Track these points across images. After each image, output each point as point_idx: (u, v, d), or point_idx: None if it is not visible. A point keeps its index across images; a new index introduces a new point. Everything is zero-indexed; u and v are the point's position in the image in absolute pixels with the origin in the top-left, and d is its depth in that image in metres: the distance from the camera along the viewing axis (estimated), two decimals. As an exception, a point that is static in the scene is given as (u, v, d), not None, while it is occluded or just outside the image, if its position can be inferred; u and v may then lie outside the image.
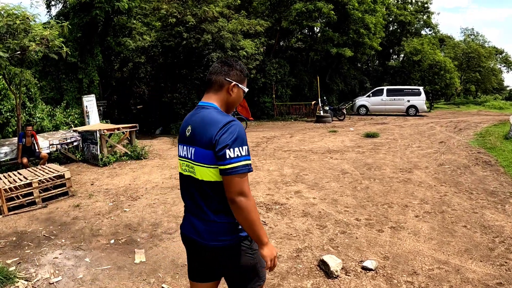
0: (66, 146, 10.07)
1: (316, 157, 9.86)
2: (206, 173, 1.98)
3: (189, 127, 2.10)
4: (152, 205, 5.93)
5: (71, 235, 4.88)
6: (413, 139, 13.16)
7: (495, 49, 41.42)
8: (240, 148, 1.91)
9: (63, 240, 4.74)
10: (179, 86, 18.43)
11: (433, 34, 40.49)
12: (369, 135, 13.89)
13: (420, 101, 24.54)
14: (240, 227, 2.03)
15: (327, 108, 21.81)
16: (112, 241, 4.63)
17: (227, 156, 1.87)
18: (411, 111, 24.63)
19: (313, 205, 5.86)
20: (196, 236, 2.07)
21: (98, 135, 9.56)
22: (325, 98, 23.35)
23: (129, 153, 9.98)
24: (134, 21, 17.57)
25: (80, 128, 10.98)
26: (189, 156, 2.07)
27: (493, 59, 40.68)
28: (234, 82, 2.12)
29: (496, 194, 6.41)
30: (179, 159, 2.19)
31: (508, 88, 48.94)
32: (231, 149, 1.88)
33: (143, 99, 22.69)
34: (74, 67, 15.17)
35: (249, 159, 1.94)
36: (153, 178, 7.57)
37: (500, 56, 42.38)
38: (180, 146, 2.18)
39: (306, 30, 28.55)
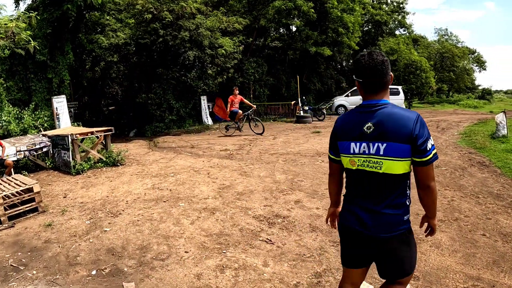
0: (34, 153, 9.12)
1: (307, 161, 9.29)
2: (398, 167, 2.15)
3: (369, 124, 2.18)
4: (136, 222, 5.16)
5: (44, 265, 4.07)
6: None
7: (468, 49, 42.13)
8: (431, 138, 2.16)
9: (34, 272, 3.92)
10: (154, 86, 17.56)
11: (407, 34, 40.79)
12: (355, 136, 13.43)
13: (398, 100, 24.42)
14: (405, 218, 2.26)
15: (306, 108, 21.38)
16: (94, 271, 3.85)
17: (428, 148, 2.11)
18: (390, 110, 24.48)
19: (319, 217, 5.26)
20: (363, 228, 2.25)
21: (70, 140, 8.68)
22: (304, 98, 22.91)
23: (105, 159, 9.12)
24: (108, 17, 16.57)
25: (50, 132, 10.03)
26: (373, 152, 2.19)
27: (466, 59, 41.35)
28: (391, 75, 2.28)
29: (502, 198, 6.10)
30: (351, 156, 2.27)
31: (480, 87, 49.98)
32: (428, 141, 2.12)
33: (116, 99, 21.65)
34: (44, 66, 14.14)
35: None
36: (133, 189, 6.78)
37: (472, 56, 43.14)
38: (352, 143, 2.26)
39: (283, 30, 28.11)
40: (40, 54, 13.58)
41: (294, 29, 25.78)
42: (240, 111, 14.50)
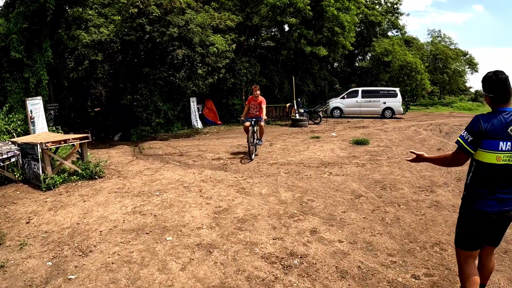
0: (1, 163, 7.84)
1: (312, 173, 8.18)
2: None
3: None
4: (110, 266, 3.93)
5: None
6: (407, 146, 12.01)
7: (460, 51, 41.59)
8: None
9: None
10: (140, 86, 16.30)
11: (400, 35, 40.03)
12: (358, 142, 12.46)
13: (396, 103, 23.63)
14: None
15: (302, 110, 20.30)
16: None
17: None
18: (387, 113, 23.68)
19: (345, 255, 4.15)
20: (506, 207, 2.87)
21: (39, 149, 7.44)
22: (299, 100, 21.86)
23: (80, 171, 7.88)
24: (90, 12, 15.27)
25: (19, 139, 8.73)
26: None
27: (459, 61, 40.81)
28: None
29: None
30: (498, 153, 2.78)
31: (471, 89, 49.56)
32: None
33: (100, 101, 20.30)
34: (20, 64, 12.93)
35: None
36: (110, 213, 5.54)
37: (464, 58, 42.60)
38: (501, 142, 2.78)
39: (276, 30, 27.03)
40: (15, 51, 12.36)
41: (288, 28, 24.68)
42: (247, 123, 10.00)
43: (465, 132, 2.88)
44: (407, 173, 8.22)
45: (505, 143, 2.75)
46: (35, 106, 12.13)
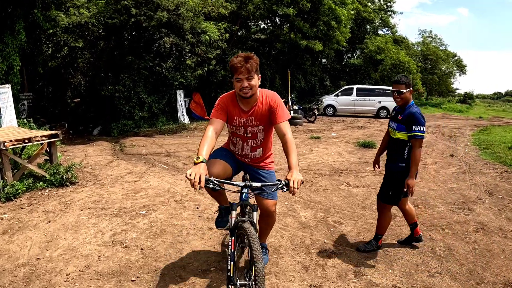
0: None
1: (327, 183, 6.97)
2: None
3: None
4: None
5: None
6: None
7: (451, 53, 41.07)
8: None
9: None
10: (123, 76, 14.77)
11: (390, 34, 39.25)
12: (364, 145, 11.42)
13: (392, 102, 22.64)
14: None
15: (296, 107, 19.12)
16: None
17: None
18: (382, 113, 22.77)
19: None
20: None
21: (-4, 149, 6.00)
22: (293, 96, 20.67)
23: (48, 177, 6.46)
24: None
25: (-25, 135, 7.25)
26: None
27: (449, 62, 40.32)
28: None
29: None
30: None
31: (458, 91, 49.22)
32: None
33: (80, 91, 18.68)
34: (-13, 48, 11.39)
35: None
36: (81, 244, 4.05)
37: (453, 59, 42.11)
38: None
39: (268, 22, 25.74)
40: (-18, 34, 10.82)
41: (282, 20, 23.45)
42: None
43: (423, 127, 3.77)
44: (433, 185, 7.23)
45: None
46: (2, 95, 10.68)
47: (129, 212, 5.07)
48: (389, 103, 22.59)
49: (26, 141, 6.21)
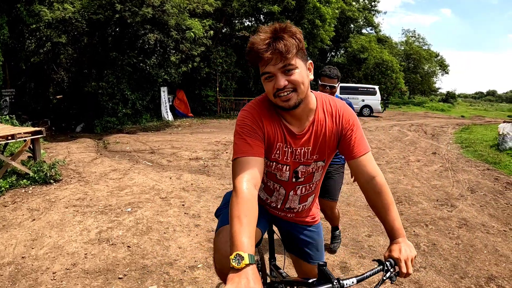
0: None
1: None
2: None
3: None
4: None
5: None
6: (400, 148, 11.33)
7: (433, 53, 41.67)
8: None
9: None
10: (107, 73, 14.61)
11: (374, 33, 39.63)
12: (349, 143, 11.49)
13: (375, 101, 23.05)
14: None
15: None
16: None
17: None
18: (365, 112, 23.05)
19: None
20: None
21: (-23, 145, 5.89)
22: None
23: (32, 174, 6.36)
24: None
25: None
26: None
27: (432, 62, 40.94)
28: None
29: None
30: None
31: (440, 90, 50.02)
32: None
33: (63, 87, 18.40)
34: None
35: None
36: (67, 241, 4.02)
37: (436, 59, 42.75)
38: None
39: (252, 20, 25.71)
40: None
41: (266, 18, 23.44)
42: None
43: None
44: (416, 182, 7.38)
45: None
46: (-18, 91, 10.48)
47: (115, 210, 5.03)
48: (373, 101, 22.89)
49: (9, 138, 6.10)
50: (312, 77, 1.60)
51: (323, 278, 1.35)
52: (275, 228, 2.09)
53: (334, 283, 1.32)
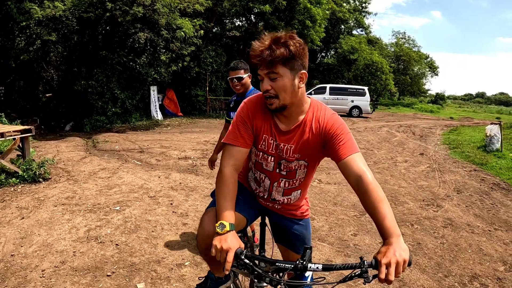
0: None
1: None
2: None
3: None
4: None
5: None
6: (388, 149, 11.44)
7: (423, 54, 42.08)
8: None
9: None
10: (96, 71, 14.55)
11: (365, 34, 39.90)
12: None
13: (364, 102, 23.17)
14: None
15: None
16: None
17: None
18: (354, 112, 23.18)
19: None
20: None
21: (-36, 143, 5.86)
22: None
23: (21, 172, 6.35)
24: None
25: None
26: None
27: (422, 63, 41.34)
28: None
29: None
30: None
31: (430, 92, 50.51)
32: None
33: (52, 86, 18.25)
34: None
35: None
36: (56, 240, 4.05)
37: (425, 61, 43.17)
38: None
39: (243, 20, 25.77)
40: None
41: (257, 18, 23.52)
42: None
43: None
44: (403, 182, 7.49)
45: None
46: (-30, 89, 10.37)
47: (103, 208, 5.06)
48: (362, 102, 23.03)
49: (-2, 136, 6.09)
50: (302, 86, 1.75)
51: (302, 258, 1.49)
52: (266, 221, 2.24)
53: (298, 262, 1.46)
